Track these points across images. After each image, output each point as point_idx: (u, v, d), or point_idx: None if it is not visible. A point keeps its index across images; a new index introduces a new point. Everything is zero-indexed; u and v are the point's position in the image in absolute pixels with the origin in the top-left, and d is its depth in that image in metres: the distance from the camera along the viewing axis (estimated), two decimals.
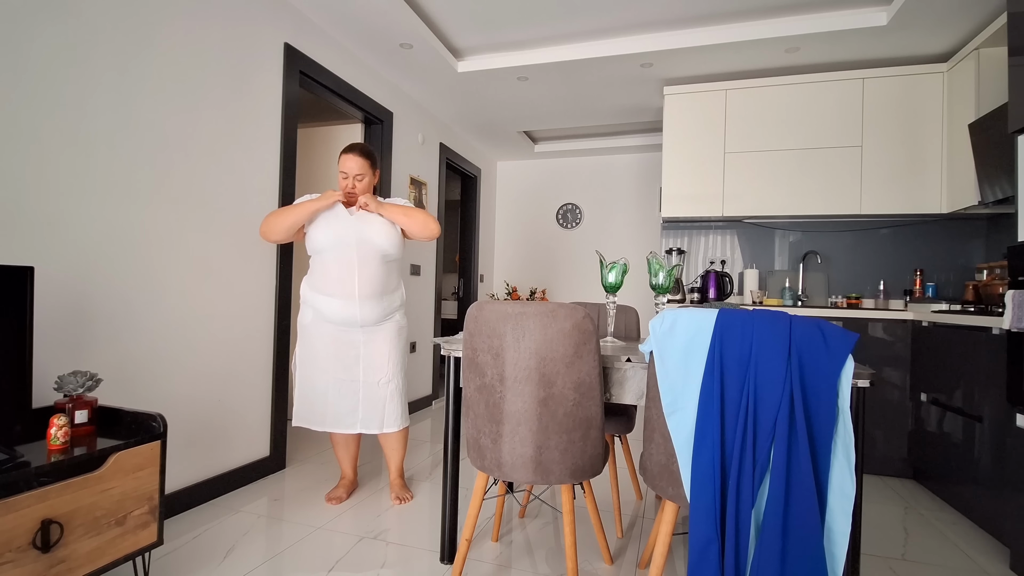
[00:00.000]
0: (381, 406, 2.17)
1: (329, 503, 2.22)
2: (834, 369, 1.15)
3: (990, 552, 1.98)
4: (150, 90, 1.95)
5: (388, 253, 2.10)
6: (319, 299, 2.09)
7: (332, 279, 2.06)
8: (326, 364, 2.12)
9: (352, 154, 2.10)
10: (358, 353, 2.14)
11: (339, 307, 2.07)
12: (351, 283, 2.05)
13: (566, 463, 1.44)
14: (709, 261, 3.67)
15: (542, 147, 5.28)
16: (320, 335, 2.13)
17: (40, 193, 1.62)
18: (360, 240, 2.06)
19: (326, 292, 2.08)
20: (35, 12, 1.60)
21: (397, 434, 2.27)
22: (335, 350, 2.12)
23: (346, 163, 2.10)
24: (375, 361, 2.15)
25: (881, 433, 2.73)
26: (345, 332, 2.12)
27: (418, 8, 2.78)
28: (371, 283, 2.08)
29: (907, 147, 3.02)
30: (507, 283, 5.61)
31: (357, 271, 2.05)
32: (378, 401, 2.17)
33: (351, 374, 2.14)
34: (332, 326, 2.11)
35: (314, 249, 2.08)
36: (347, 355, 2.13)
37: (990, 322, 2.05)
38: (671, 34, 2.99)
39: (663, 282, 1.81)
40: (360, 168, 2.10)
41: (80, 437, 1.46)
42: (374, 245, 2.06)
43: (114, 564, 1.39)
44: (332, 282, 2.06)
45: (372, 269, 2.07)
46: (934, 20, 2.63)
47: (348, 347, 2.13)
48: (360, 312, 2.08)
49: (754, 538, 1.17)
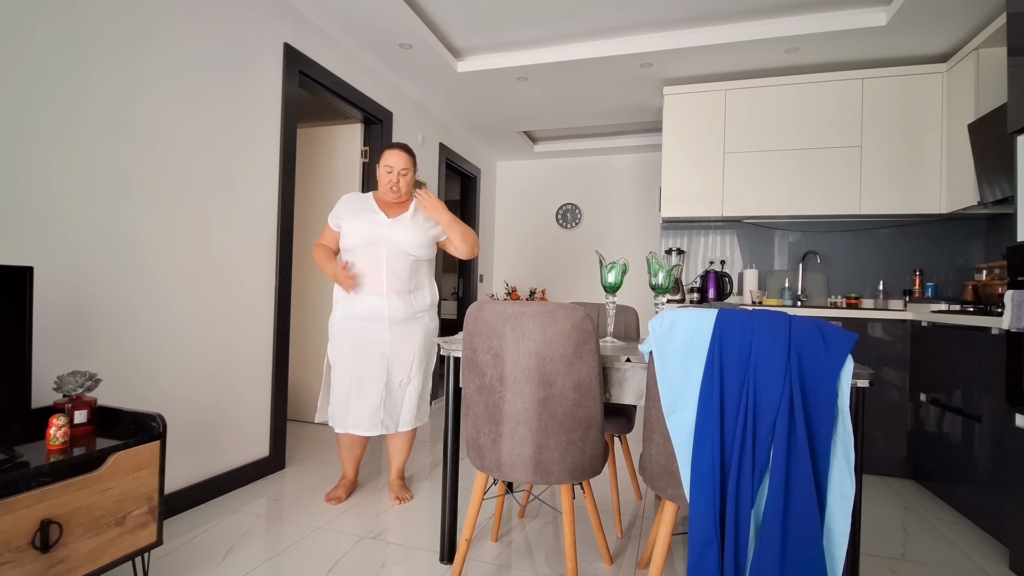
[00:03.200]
0: (399, 407, 2.19)
1: (329, 503, 2.23)
2: (833, 369, 1.15)
3: (989, 552, 1.98)
4: (149, 90, 1.95)
5: (414, 255, 2.15)
6: (350, 297, 2.14)
7: (366, 275, 2.11)
8: (348, 363, 2.15)
9: (397, 150, 2.18)
10: (383, 352, 2.15)
11: (368, 302, 2.11)
12: (379, 279, 2.10)
13: (566, 463, 1.44)
14: (709, 261, 3.67)
15: (542, 147, 5.28)
16: (346, 333, 2.15)
17: (39, 193, 1.62)
18: (389, 240, 2.11)
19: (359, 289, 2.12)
20: (34, 11, 1.60)
21: (405, 434, 2.28)
22: (359, 348, 2.15)
23: (391, 158, 2.15)
24: (398, 361, 2.17)
25: (880, 433, 2.74)
26: (371, 330, 2.14)
27: (418, 8, 2.78)
28: (399, 278, 2.13)
29: (907, 147, 3.02)
30: (507, 283, 5.61)
31: (385, 266, 2.10)
32: (397, 402, 2.19)
33: (373, 372, 2.14)
34: (359, 324, 2.14)
35: (345, 247, 2.15)
36: (370, 353, 2.14)
37: (989, 322, 2.05)
38: (671, 34, 2.99)
39: (663, 282, 1.81)
40: (405, 163, 2.17)
41: (79, 437, 1.46)
42: (401, 247, 2.12)
43: (113, 564, 1.39)
44: (365, 278, 2.11)
45: (400, 265, 2.12)
46: (934, 20, 2.63)
47: (372, 345, 2.14)
48: (388, 308, 2.11)
49: (754, 538, 1.17)
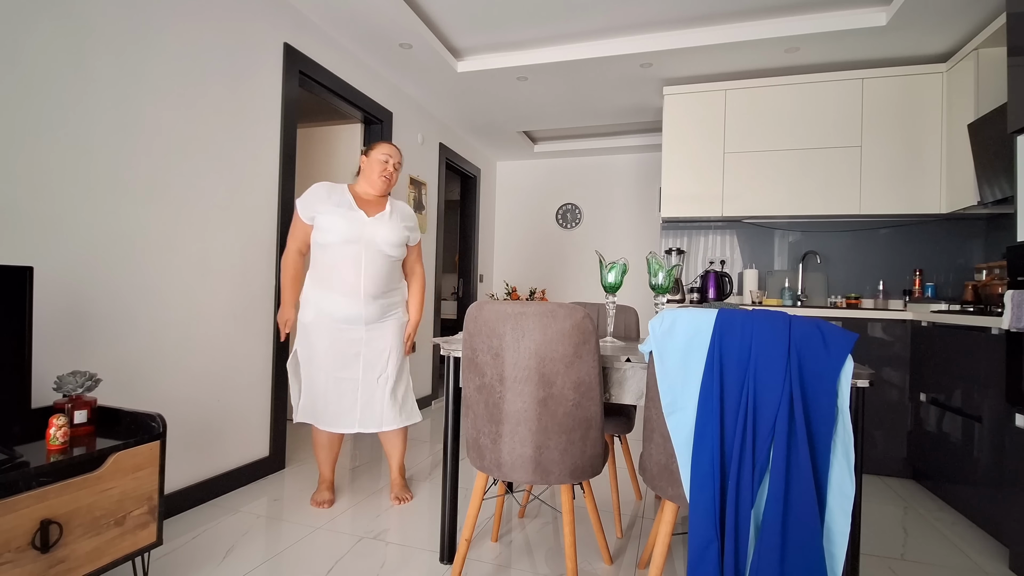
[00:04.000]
0: (380, 404, 2.17)
1: (319, 507, 2.19)
2: (833, 369, 1.15)
3: (989, 552, 1.98)
4: (149, 90, 1.95)
5: (392, 255, 2.16)
6: (323, 296, 2.10)
7: (338, 276, 2.08)
8: (324, 362, 2.12)
9: (390, 143, 2.29)
10: (358, 351, 2.14)
11: (344, 304, 2.09)
12: (357, 281, 2.09)
13: (566, 463, 1.44)
14: (708, 261, 3.67)
15: (542, 147, 5.28)
16: (320, 333, 2.13)
17: (39, 193, 1.62)
18: (368, 240, 2.10)
19: (331, 289, 2.09)
20: (33, 11, 1.60)
21: (396, 431, 2.27)
22: (334, 348, 2.12)
23: (387, 148, 2.25)
24: (374, 358, 2.16)
25: (880, 433, 2.74)
26: (346, 330, 2.12)
27: (418, 8, 2.78)
28: (376, 281, 2.12)
29: (906, 147, 3.02)
30: (507, 283, 5.61)
31: (364, 269, 2.09)
32: (376, 399, 2.17)
33: (350, 372, 2.14)
34: (333, 323, 2.11)
35: (322, 243, 2.10)
36: (346, 353, 2.13)
37: (989, 322, 2.05)
38: (671, 34, 2.99)
39: (663, 282, 1.81)
40: (399, 157, 2.27)
41: (79, 437, 1.46)
42: (380, 247, 2.11)
43: (113, 564, 1.39)
44: (338, 279, 2.08)
45: (377, 267, 2.11)
46: (933, 20, 2.63)
47: (348, 345, 2.13)
48: (365, 310, 2.11)
49: (753, 538, 1.17)
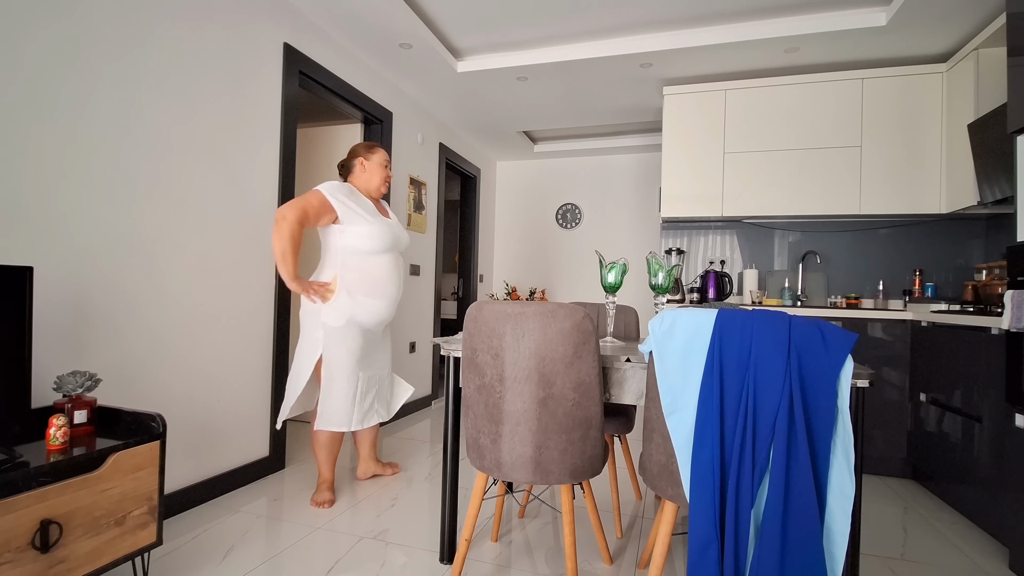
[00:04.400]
0: (389, 393, 2.38)
1: (319, 507, 2.17)
2: (833, 369, 1.15)
3: (989, 552, 1.98)
4: (149, 90, 1.95)
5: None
6: (364, 303, 2.12)
7: (381, 285, 2.15)
8: (352, 367, 2.17)
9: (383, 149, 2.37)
10: (383, 348, 2.35)
11: (383, 310, 2.18)
12: (398, 289, 2.22)
13: (565, 463, 1.44)
14: (708, 261, 3.67)
15: (542, 147, 5.28)
16: (350, 340, 2.15)
17: (39, 193, 1.62)
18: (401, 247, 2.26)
19: (375, 295, 2.13)
20: (33, 11, 1.60)
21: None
22: (367, 352, 2.23)
23: (385, 154, 2.32)
24: (388, 355, 2.38)
25: (880, 433, 2.74)
26: (375, 336, 2.26)
27: (417, 8, 2.78)
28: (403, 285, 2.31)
29: (906, 147, 3.02)
30: (507, 283, 5.61)
31: (401, 275, 2.25)
32: (386, 389, 2.37)
33: (376, 371, 2.30)
34: (361, 330, 2.17)
35: (364, 250, 2.09)
36: (373, 356, 2.28)
37: (989, 322, 2.05)
38: (671, 34, 2.99)
39: (662, 282, 1.81)
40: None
41: (79, 437, 1.46)
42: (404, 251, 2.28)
43: (113, 564, 1.39)
44: (381, 288, 2.14)
45: (405, 269, 2.32)
46: (933, 20, 2.63)
47: (376, 350, 2.30)
48: (394, 312, 2.28)
49: (753, 538, 1.17)
